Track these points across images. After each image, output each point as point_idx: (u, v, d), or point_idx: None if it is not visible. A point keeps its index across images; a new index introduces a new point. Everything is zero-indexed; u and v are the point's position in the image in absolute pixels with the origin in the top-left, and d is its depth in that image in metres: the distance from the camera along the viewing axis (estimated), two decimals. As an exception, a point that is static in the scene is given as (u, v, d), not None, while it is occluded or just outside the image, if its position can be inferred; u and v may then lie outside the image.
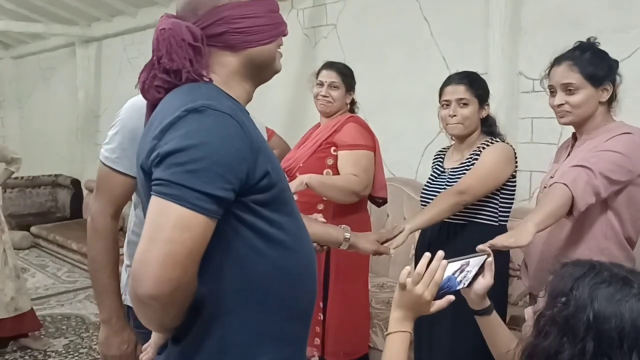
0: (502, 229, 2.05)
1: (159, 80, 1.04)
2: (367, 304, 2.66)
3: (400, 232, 1.79)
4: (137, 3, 5.38)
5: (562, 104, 1.75)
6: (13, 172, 3.68)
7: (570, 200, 1.58)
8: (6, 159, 3.61)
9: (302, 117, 3.94)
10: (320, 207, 2.40)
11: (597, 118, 1.76)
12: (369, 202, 2.56)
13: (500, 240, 1.48)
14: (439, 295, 1.19)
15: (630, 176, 1.66)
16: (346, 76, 2.53)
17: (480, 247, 1.30)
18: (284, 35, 1.14)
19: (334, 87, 2.50)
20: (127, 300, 1.59)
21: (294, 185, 2.19)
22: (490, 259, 1.28)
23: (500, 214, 2.05)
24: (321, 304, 2.46)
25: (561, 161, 1.85)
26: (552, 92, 1.79)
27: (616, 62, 1.77)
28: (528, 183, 3.03)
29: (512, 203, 2.09)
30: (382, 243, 1.78)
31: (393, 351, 1.17)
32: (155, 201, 0.93)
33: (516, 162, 2.07)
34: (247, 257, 1.02)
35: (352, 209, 2.41)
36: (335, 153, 2.43)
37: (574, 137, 1.86)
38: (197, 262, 0.95)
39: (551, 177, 1.77)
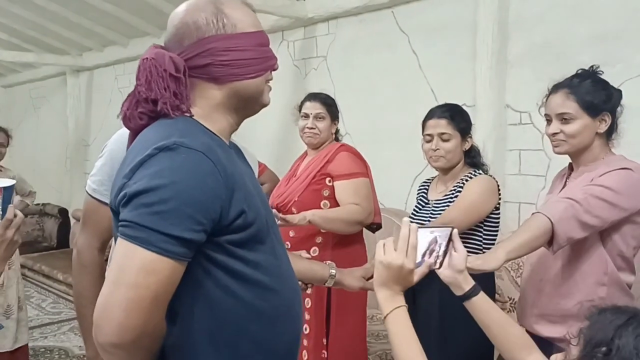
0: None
1: (141, 107, 1.03)
2: (365, 336, 2.59)
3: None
4: (128, 33, 5.42)
5: (557, 133, 1.68)
6: (28, 205, 3.84)
7: (549, 233, 1.52)
8: (24, 191, 3.79)
9: (292, 148, 3.94)
10: (319, 239, 2.36)
11: (595, 149, 1.68)
12: (363, 229, 2.51)
13: (468, 262, 1.43)
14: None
15: (623, 214, 1.58)
16: (330, 106, 2.51)
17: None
18: (274, 70, 1.12)
19: (320, 118, 2.47)
20: None
21: (296, 218, 2.16)
22: (456, 230, 1.24)
23: (484, 246, 2.04)
24: (324, 341, 2.38)
25: (556, 192, 1.78)
26: (548, 120, 1.72)
27: (618, 92, 1.70)
28: (516, 214, 3.04)
29: (496, 235, 2.09)
30: (368, 279, 1.71)
31: (399, 329, 1.11)
32: (120, 243, 0.91)
33: (499, 193, 2.07)
34: (219, 299, 0.98)
35: (350, 240, 2.37)
36: (330, 184, 2.38)
37: (571, 168, 1.80)
38: (163, 306, 0.92)
39: None
